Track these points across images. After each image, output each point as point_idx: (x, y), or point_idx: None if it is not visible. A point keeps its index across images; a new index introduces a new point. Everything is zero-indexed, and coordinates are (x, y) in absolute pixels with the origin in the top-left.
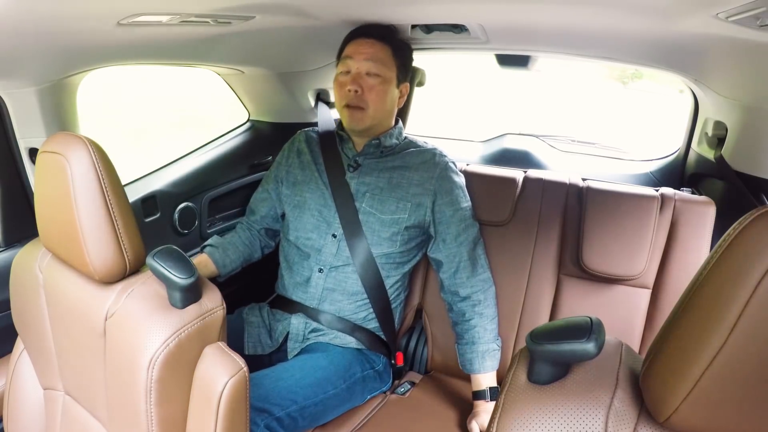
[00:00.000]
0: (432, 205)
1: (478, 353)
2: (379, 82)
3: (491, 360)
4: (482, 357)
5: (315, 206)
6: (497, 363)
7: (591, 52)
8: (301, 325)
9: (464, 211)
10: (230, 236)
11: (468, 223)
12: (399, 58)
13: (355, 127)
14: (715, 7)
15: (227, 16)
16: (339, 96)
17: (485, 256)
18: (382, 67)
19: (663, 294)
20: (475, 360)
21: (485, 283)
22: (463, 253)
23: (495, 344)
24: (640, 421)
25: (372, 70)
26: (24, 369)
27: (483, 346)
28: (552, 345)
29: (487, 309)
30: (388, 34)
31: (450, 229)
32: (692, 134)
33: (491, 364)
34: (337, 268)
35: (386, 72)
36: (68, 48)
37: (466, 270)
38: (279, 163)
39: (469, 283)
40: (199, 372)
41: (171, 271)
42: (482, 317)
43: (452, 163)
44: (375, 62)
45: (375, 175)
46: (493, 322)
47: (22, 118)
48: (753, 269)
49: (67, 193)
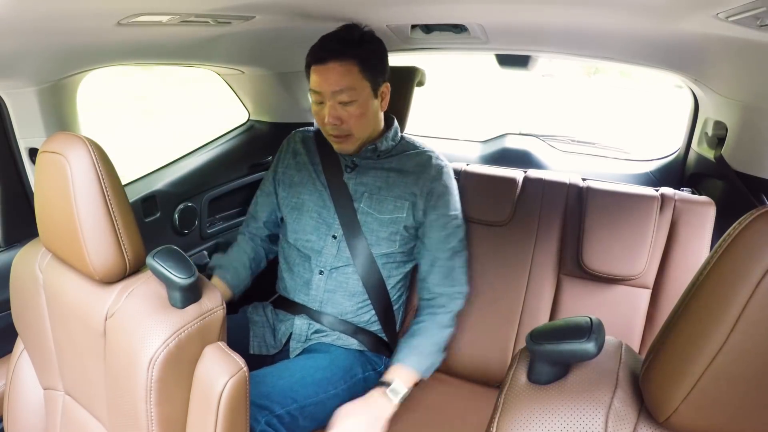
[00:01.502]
0: (425, 207)
1: (409, 345)
2: (356, 106)
3: (419, 358)
4: (410, 350)
5: (314, 207)
6: (423, 368)
7: (591, 52)
8: (304, 326)
9: (449, 219)
10: (235, 252)
11: (451, 232)
12: (368, 69)
13: (345, 152)
14: (715, 7)
15: (227, 16)
16: (320, 125)
17: (464, 270)
18: (353, 92)
19: (663, 294)
20: (402, 349)
21: (453, 296)
22: (438, 258)
23: (432, 348)
24: (640, 421)
25: (344, 99)
26: (24, 369)
27: (418, 341)
28: (552, 345)
29: (442, 317)
30: (347, 47)
31: (432, 233)
32: (692, 134)
33: (416, 361)
34: (338, 269)
35: (360, 94)
36: (68, 48)
37: (437, 275)
38: (275, 166)
39: (436, 289)
40: (199, 372)
41: (171, 271)
42: (434, 320)
43: (447, 167)
44: (346, 91)
45: (372, 175)
46: (442, 330)
47: (22, 118)
48: (753, 269)
49: (67, 193)
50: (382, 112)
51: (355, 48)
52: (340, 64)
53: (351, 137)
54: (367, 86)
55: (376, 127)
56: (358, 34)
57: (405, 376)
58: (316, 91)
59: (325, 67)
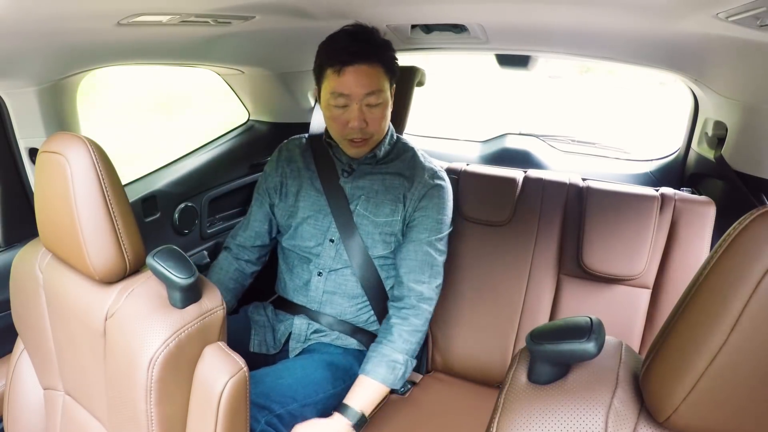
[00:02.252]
0: (413, 208)
1: (378, 353)
2: (381, 109)
3: (387, 370)
4: (379, 360)
5: (310, 213)
6: (392, 380)
7: (591, 52)
8: (303, 326)
9: (433, 222)
10: (217, 274)
11: (431, 236)
12: (390, 71)
13: (360, 155)
14: (715, 7)
15: (227, 16)
16: (337, 129)
17: (438, 277)
18: (381, 94)
19: (663, 294)
20: (371, 360)
21: (423, 300)
22: (413, 258)
23: (402, 357)
24: (640, 421)
25: (372, 102)
26: (24, 369)
27: (387, 349)
28: (552, 345)
29: (413, 317)
30: (378, 50)
31: (412, 233)
32: (692, 134)
33: (384, 374)
34: (336, 271)
35: (386, 95)
36: (68, 48)
37: (411, 274)
38: (268, 174)
39: (406, 288)
40: (199, 372)
41: (171, 271)
42: (404, 323)
43: (440, 172)
44: (375, 93)
45: (369, 179)
46: (412, 335)
47: (22, 118)
48: (753, 269)
49: (67, 193)
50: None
51: (381, 50)
52: (369, 66)
53: (371, 140)
54: (389, 89)
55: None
56: (379, 36)
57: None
58: (343, 93)
59: (354, 69)
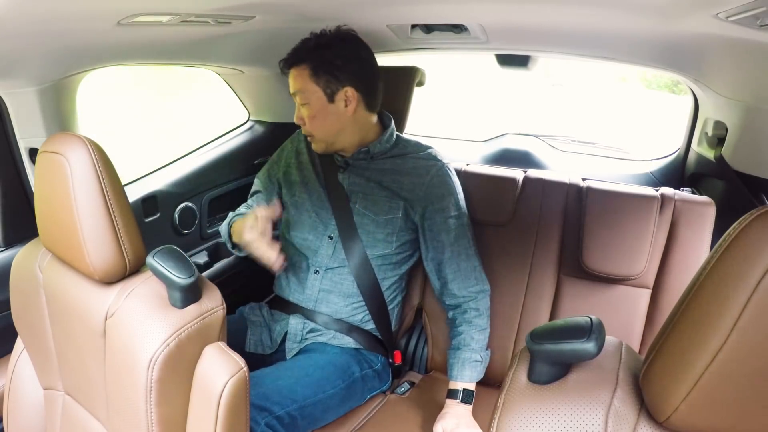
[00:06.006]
0: (423, 211)
1: (459, 359)
2: (308, 108)
3: (471, 370)
4: (462, 365)
5: (312, 207)
6: (478, 375)
7: (591, 52)
8: (299, 325)
9: (455, 219)
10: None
11: (459, 233)
12: (322, 74)
13: (318, 151)
14: (715, 7)
15: (227, 16)
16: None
17: (480, 265)
18: (307, 95)
19: (663, 294)
20: (455, 366)
21: (478, 294)
22: (453, 263)
23: (479, 355)
24: (640, 420)
25: (302, 102)
26: (24, 369)
27: (466, 353)
28: (552, 345)
29: (477, 319)
30: (309, 53)
31: (440, 237)
32: (692, 134)
33: (470, 374)
34: (333, 270)
35: (312, 97)
36: (68, 48)
37: (456, 281)
38: (275, 162)
39: (460, 294)
40: (199, 372)
41: (171, 271)
42: (470, 326)
43: (447, 167)
44: (301, 93)
45: (365, 176)
46: (482, 333)
47: (22, 118)
48: (753, 269)
49: (67, 193)
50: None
51: (308, 54)
52: (296, 68)
53: (315, 138)
54: (318, 90)
55: (349, 132)
56: (314, 42)
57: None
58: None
59: (291, 71)
